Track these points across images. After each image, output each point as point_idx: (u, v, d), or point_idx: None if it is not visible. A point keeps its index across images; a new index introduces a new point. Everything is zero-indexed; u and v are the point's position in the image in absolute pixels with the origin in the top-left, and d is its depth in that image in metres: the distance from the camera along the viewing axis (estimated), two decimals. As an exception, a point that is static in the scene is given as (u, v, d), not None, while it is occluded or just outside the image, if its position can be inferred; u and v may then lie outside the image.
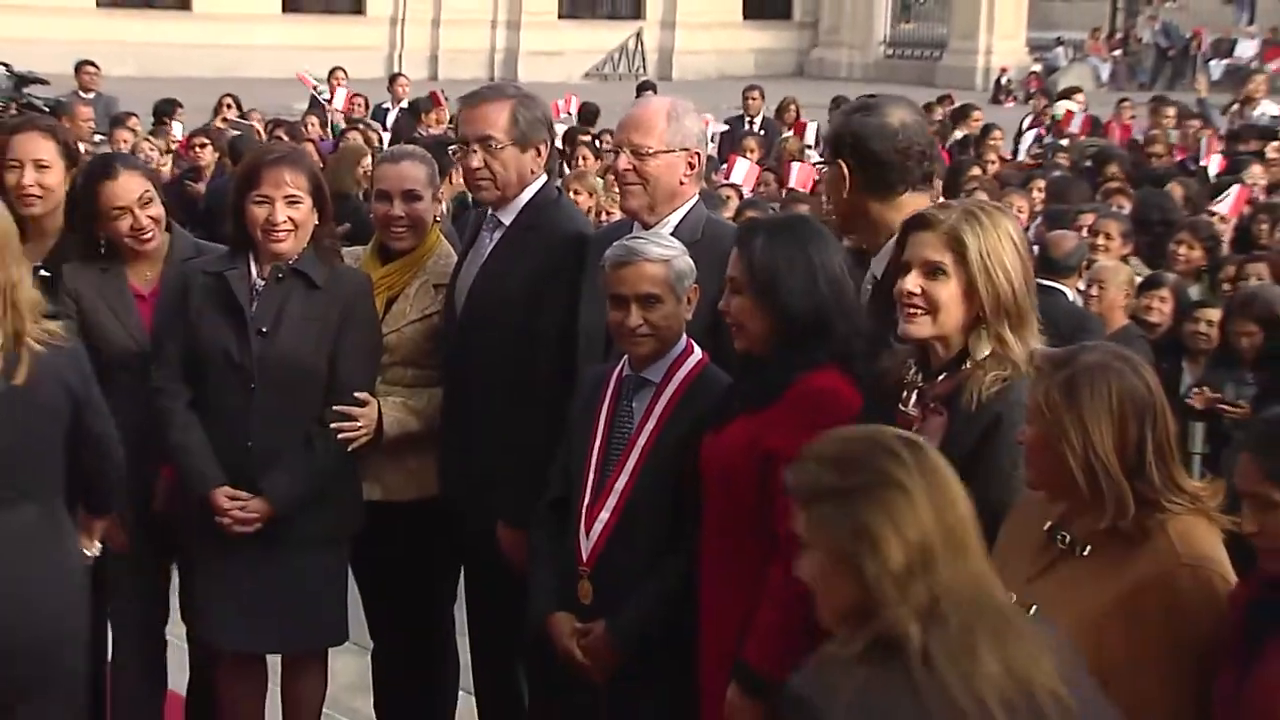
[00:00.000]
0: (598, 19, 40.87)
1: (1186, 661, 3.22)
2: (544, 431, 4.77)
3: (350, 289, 5.15)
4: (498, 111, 5.06)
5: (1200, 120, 17.58)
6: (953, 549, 2.69)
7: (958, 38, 39.78)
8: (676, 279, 4.33)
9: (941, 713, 2.57)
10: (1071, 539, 3.38)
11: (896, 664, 2.61)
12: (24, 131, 5.52)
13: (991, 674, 2.62)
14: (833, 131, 4.51)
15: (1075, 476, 3.25)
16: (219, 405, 5.09)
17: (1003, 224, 3.78)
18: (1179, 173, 12.99)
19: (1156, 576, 3.25)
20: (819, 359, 4.12)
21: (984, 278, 3.70)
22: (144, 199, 5.22)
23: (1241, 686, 3.12)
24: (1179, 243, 9.66)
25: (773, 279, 4.09)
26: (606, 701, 4.44)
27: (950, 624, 2.64)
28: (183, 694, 5.75)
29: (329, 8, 37.68)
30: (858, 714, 2.58)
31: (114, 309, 5.27)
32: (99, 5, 34.79)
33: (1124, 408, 3.25)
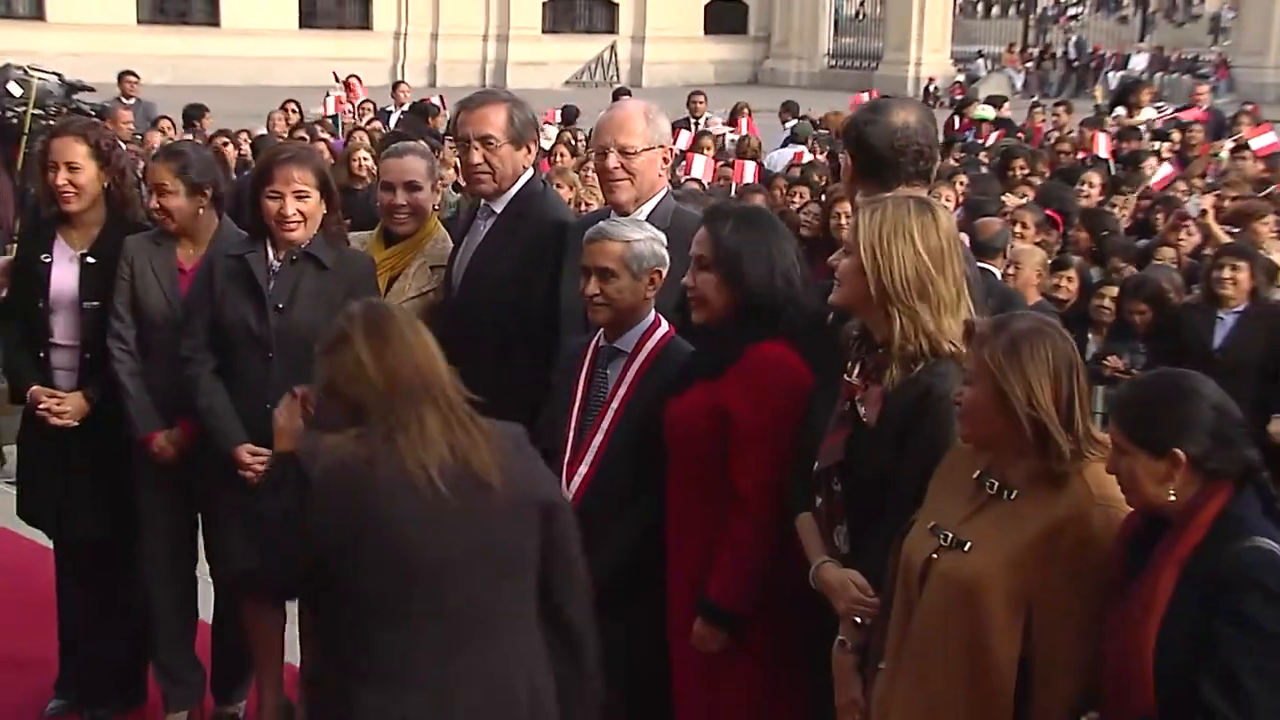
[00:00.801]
0: (576, 33, 40.94)
1: (1096, 588, 3.26)
2: (529, 396, 4.73)
3: (356, 269, 5.14)
4: (496, 113, 5.05)
5: (1097, 126, 17.65)
6: (412, 382, 3.33)
7: (891, 50, 39.98)
8: (634, 258, 4.31)
9: (395, 474, 3.19)
10: (999, 485, 3.40)
11: (366, 440, 3.23)
12: (60, 136, 5.50)
13: (435, 445, 3.24)
14: (845, 127, 4.52)
15: (1015, 428, 3.29)
16: (241, 372, 5.09)
17: (905, 214, 3.70)
18: (1085, 168, 12.99)
19: (1073, 515, 3.30)
20: (769, 332, 4.10)
21: (870, 261, 3.66)
22: (159, 189, 5.27)
23: (1120, 617, 3.18)
24: (1078, 229, 9.75)
25: (738, 260, 4.09)
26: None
27: (411, 416, 3.26)
28: (209, 623, 5.75)
29: (340, 24, 37.69)
30: (333, 473, 3.21)
31: (159, 277, 5.31)
32: (139, 22, 34.90)
33: (1057, 366, 3.31)
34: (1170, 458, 3.13)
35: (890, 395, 3.68)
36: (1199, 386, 3.22)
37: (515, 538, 3.36)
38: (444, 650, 3.24)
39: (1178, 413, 3.17)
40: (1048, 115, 18.46)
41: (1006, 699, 3.30)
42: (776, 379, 4.05)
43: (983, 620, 3.30)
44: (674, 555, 4.23)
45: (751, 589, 4.02)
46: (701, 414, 4.09)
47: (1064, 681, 3.28)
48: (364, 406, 3.28)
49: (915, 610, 3.44)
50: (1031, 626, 3.29)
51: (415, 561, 3.22)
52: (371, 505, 3.19)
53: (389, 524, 3.19)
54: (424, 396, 3.30)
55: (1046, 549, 3.28)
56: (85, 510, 5.54)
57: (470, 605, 3.28)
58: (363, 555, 3.19)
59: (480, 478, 3.26)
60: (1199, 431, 3.14)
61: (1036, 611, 3.29)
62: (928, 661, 3.42)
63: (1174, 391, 3.22)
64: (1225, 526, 3.12)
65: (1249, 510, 3.15)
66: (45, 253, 5.44)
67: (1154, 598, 3.12)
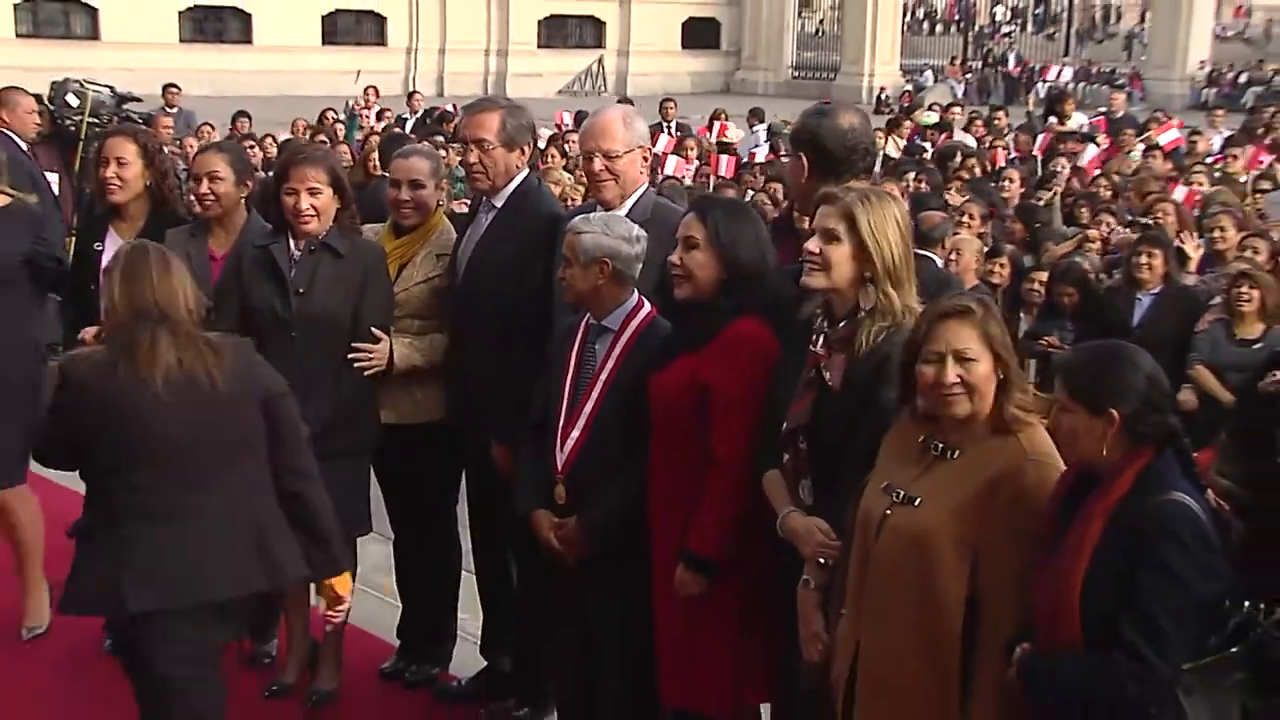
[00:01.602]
0: (568, 48, 40.90)
1: (1031, 535, 3.27)
2: (527, 369, 4.71)
3: (368, 257, 5.12)
4: (490, 119, 5.01)
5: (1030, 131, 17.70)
6: (148, 310, 3.75)
7: (848, 63, 40.01)
8: (581, 249, 4.28)
9: (130, 378, 3.69)
10: (944, 446, 3.40)
11: (112, 352, 3.75)
12: (113, 136, 5.56)
13: (163, 357, 3.70)
14: (796, 130, 4.46)
15: (1001, 386, 3.32)
16: (267, 350, 4.93)
17: (889, 205, 3.74)
18: (1011, 167, 13.08)
19: (1010, 470, 3.31)
20: (745, 309, 4.06)
21: (871, 243, 3.65)
22: (212, 175, 5.28)
23: (1052, 561, 3.19)
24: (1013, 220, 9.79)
25: (733, 242, 4.06)
26: (577, 579, 4.40)
27: (145, 336, 3.72)
28: None
29: (359, 40, 37.59)
30: (83, 376, 3.76)
31: (195, 266, 5.18)
32: (181, 41, 34.85)
33: (1005, 340, 3.35)
34: (1106, 417, 3.14)
35: (854, 362, 3.66)
36: (1136, 357, 3.24)
37: (237, 423, 3.87)
38: (179, 500, 3.78)
39: (1116, 378, 3.19)
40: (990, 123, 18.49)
41: (955, 634, 3.31)
42: (752, 352, 4.01)
43: (933, 566, 3.31)
44: (657, 518, 4.19)
45: (727, 539, 4.00)
46: (682, 386, 4.06)
47: (1004, 618, 3.28)
48: (115, 327, 3.82)
49: (872, 560, 3.43)
50: (975, 570, 3.29)
51: (150, 441, 3.73)
52: (113, 400, 3.71)
53: (126, 414, 3.72)
54: (159, 322, 3.76)
55: (987, 501, 3.29)
56: None
57: (200, 469, 3.80)
58: (110, 436, 3.73)
59: (204, 381, 3.75)
60: (1132, 396, 3.16)
61: (980, 557, 3.29)
62: (885, 604, 3.42)
63: (1114, 360, 3.24)
64: (1148, 482, 3.14)
65: (1169, 469, 3.17)
66: (98, 241, 5.45)
67: (1082, 545, 3.13)
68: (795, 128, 4.46)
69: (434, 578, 5.58)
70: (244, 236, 5.30)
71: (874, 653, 3.45)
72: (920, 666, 3.35)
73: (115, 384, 3.71)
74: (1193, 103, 32.68)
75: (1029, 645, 3.21)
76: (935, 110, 21.07)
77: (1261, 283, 7.15)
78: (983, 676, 3.28)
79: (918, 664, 3.35)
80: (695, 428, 4.03)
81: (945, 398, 3.32)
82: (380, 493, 5.49)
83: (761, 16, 42.49)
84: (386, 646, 5.71)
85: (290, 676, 5.44)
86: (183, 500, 3.79)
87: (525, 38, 39.91)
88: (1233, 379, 6.92)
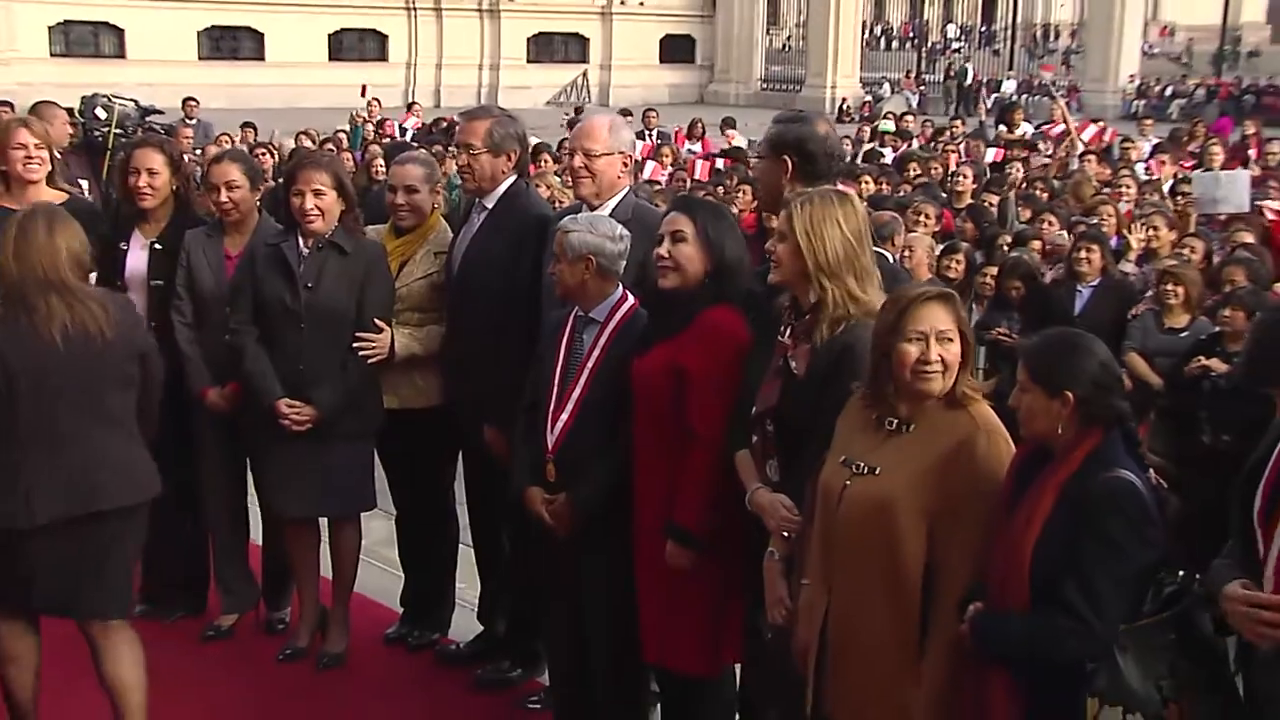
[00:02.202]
0: (555, 63, 40.83)
1: (984, 501, 3.26)
2: (517, 358, 4.68)
3: (371, 255, 5.11)
4: (479, 126, 5.02)
5: (980, 138, 17.72)
6: (38, 274, 4.02)
7: (812, 76, 39.97)
8: (568, 247, 4.27)
9: (27, 334, 4.00)
10: (899, 421, 3.38)
11: (10, 312, 4.03)
12: (140, 148, 5.55)
13: (58, 316, 4.00)
14: (776, 136, 4.40)
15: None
16: (278, 340, 5.07)
17: (831, 205, 3.69)
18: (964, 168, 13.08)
19: (964, 440, 3.30)
20: (719, 299, 4.04)
21: (804, 241, 3.63)
22: (229, 184, 5.27)
23: (1005, 529, 3.19)
24: (965, 220, 9.79)
25: (720, 238, 4.04)
26: (567, 550, 4.38)
27: (39, 298, 4.03)
28: (259, 544, 5.76)
29: (362, 56, 37.50)
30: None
31: (210, 264, 5.29)
32: (200, 58, 34.85)
33: (968, 323, 3.41)
34: (1062, 398, 3.15)
35: (817, 351, 3.64)
36: (1093, 345, 3.25)
37: (119, 369, 4.20)
38: (61, 429, 4.08)
39: (1072, 363, 3.20)
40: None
41: (915, 594, 3.30)
42: (726, 337, 3.99)
43: (893, 531, 3.29)
44: (640, 492, 4.16)
45: (711, 513, 3.97)
46: (661, 370, 4.03)
47: (958, 578, 3.27)
48: (10, 284, 4.06)
49: (835, 529, 3.41)
50: (932, 534, 3.28)
51: (45, 386, 4.02)
52: (13, 354, 4.00)
53: (26, 365, 4.00)
54: (48, 284, 4.03)
55: (943, 469, 3.28)
56: (156, 453, 5.44)
57: (85, 405, 4.12)
58: (14, 384, 4.01)
59: (94, 334, 4.06)
60: (1086, 380, 3.17)
61: (936, 522, 3.28)
62: (851, 569, 3.40)
63: (1072, 347, 3.25)
64: (1096, 460, 3.14)
65: (1116, 449, 3.18)
66: (124, 241, 5.42)
67: (1034, 515, 3.13)
68: (777, 133, 4.41)
69: (434, 550, 5.56)
70: (256, 236, 5.28)
71: (843, 612, 3.43)
72: (885, 623, 3.34)
73: (18, 335, 4.02)
74: (1124, 113, 32.73)
75: (980, 605, 3.20)
76: (891, 118, 21.13)
77: (1185, 278, 7.17)
78: (938, 632, 3.28)
79: (882, 621, 3.34)
80: (673, 409, 4.00)
81: (924, 374, 3.30)
82: (384, 472, 5.47)
83: (733, 33, 42.45)
84: (390, 613, 5.69)
85: (302, 641, 5.42)
86: (72, 428, 4.09)
87: (515, 53, 39.89)
88: (1161, 364, 6.95)
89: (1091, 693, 3.07)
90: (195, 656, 5.39)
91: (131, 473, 4.27)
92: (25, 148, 5.42)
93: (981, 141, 16.17)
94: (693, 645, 4.11)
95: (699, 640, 4.11)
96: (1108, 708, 3.05)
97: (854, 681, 3.41)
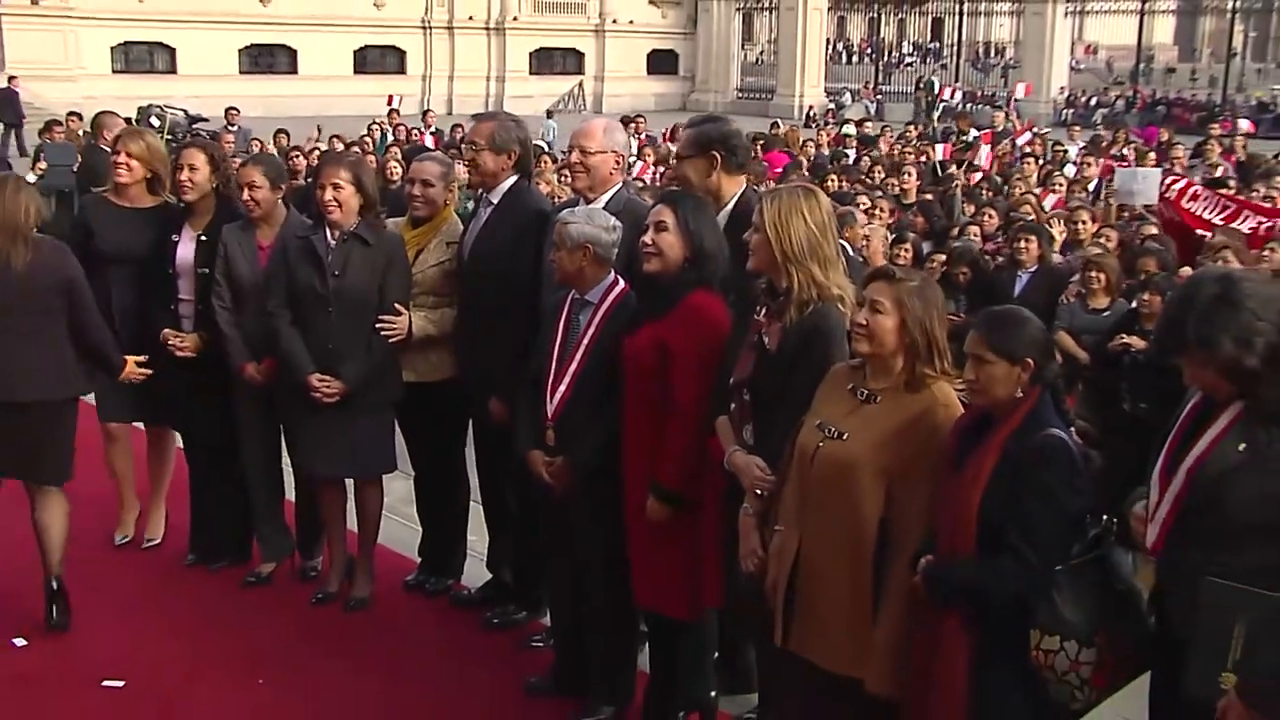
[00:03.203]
0: (554, 74, 40.60)
1: (936, 464, 3.26)
2: (520, 337, 4.65)
3: (391, 245, 5.06)
4: (483, 128, 5.00)
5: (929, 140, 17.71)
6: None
7: (782, 86, 39.82)
8: (567, 236, 4.23)
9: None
10: (867, 393, 3.38)
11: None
12: (187, 148, 5.55)
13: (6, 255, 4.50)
14: (701, 136, 4.39)
15: (903, 346, 3.31)
16: (310, 322, 5.03)
17: (797, 199, 3.68)
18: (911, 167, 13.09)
19: (924, 411, 3.31)
20: (699, 283, 4.00)
21: (773, 233, 3.61)
22: (251, 184, 5.21)
23: (948, 486, 3.19)
24: (915, 214, 9.78)
25: (699, 227, 4.00)
26: (566, 506, 4.35)
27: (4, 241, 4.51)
28: (293, 501, 5.73)
29: (383, 70, 37.24)
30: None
31: (246, 254, 5.25)
32: (241, 72, 34.66)
33: (941, 308, 3.39)
34: (1023, 364, 3.16)
35: (788, 330, 3.61)
36: (1031, 317, 3.28)
37: (37, 298, 4.67)
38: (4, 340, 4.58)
39: (1026, 333, 3.20)
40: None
41: (870, 544, 3.30)
42: (706, 318, 3.95)
43: (855, 489, 3.29)
44: (629, 454, 4.13)
45: (689, 474, 3.95)
46: (649, 348, 3.99)
47: (912, 532, 3.27)
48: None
49: (807, 484, 3.41)
50: (890, 492, 3.28)
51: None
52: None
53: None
54: (15, 230, 4.60)
55: (902, 437, 3.28)
56: (203, 421, 5.56)
57: (22, 320, 4.65)
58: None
59: (15, 268, 4.59)
60: (1035, 347, 3.19)
61: (894, 482, 3.28)
62: (820, 519, 3.40)
63: (1025, 320, 3.25)
64: (1033, 420, 3.15)
65: (1048, 409, 3.18)
66: (175, 233, 5.39)
67: (980, 471, 3.13)
68: (700, 133, 4.38)
69: (447, 508, 5.53)
70: (285, 229, 5.23)
71: (809, 557, 3.43)
72: (844, 568, 3.33)
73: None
74: (1055, 121, 32.65)
75: (931, 558, 3.20)
76: (851, 124, 21.08)
77: (1107, 266, 7.19)
78: (894, 577, 3.28)
79: (842, 566, 3.34)
80: (658, 382, 3.97)
81: (855, 335, 3.35)
82: (403, 439, 5.43)
83: (712, 48, 42.26)
84: (410, 562, 5.66)
85: (333, 586, 5.41)
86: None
87: (519, 66, 39.71)
88: (1087, 341, 6.94)
89: (1033, 625, 3.09)
90: (238, 600, 5.39)
91: (45, 376, 4.74)
92: (121, 157, 5.51)
93: (931, 144, 16.12)
94: (675, 591, 4.10)
95: (681, 587, 4.09)
96: (1047, 636, 3.07)
97: (816, 618, 3.41)
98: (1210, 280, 2.92)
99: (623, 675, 4.45)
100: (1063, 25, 37.96)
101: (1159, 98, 37.65)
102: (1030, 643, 3.09)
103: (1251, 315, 2.81)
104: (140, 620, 5.15)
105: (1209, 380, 2.92)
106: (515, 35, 39.80)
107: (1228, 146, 15.40)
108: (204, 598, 5.36)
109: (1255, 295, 2.84)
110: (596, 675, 4.47)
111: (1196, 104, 35.86)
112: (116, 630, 5.02)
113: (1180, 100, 37.36)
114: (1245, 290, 2.85)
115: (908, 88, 41.62)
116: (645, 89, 40.92)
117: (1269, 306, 2.83)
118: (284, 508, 5.68)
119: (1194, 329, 2.85)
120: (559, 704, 4.51)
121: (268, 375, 5.21)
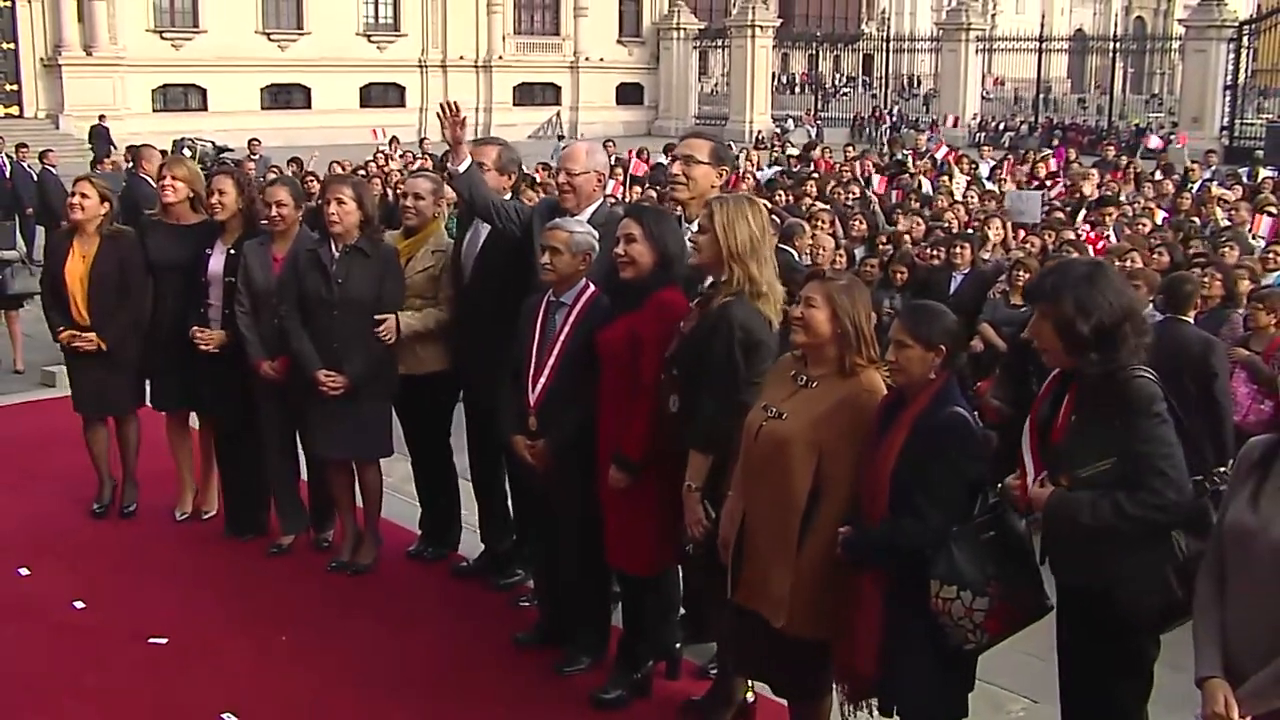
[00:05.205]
0: (534, 105, 40.44)
1: (861, 442, 3.28)
2: (506, 334, 4.57)
3: (387, 256, 5.05)
4: (489, 150, 4.99)
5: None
6: None
7: (734, 113, 39.75)
8: (573, 243, 4.18)
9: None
10: (806, 379, 3.40)
11: None
12: (216, 175, 5.61)
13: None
14: (724, 154, 4.47)
15: (836, 337, 3.32)
16: (317, 324, 5.02)
17: (744, 206, 3.72)
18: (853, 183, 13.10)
19: (852, 396, 3.34)
20: (668, 281, 4.00)
21: (721, 233, 3.65)
22: (278, 203, 5.22)
23: (872, 457, 3.22)
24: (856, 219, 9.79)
25: (663, 235, 3.99)
26: (546, 483, 4.33)
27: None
28: (306, 481, 5.67)
29: (385, 103, 36.96)
30: None
31: (262, 265, 5.26)
32: (262, 108, 34.44)
33: (867, 303, 3.41)
34: (937, 350, 3.19)
35: (704, 316, 3.68)
36: (947, 311, 3.33)
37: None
38: None
39: (941, 324, 3.25)
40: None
41: (799, 510, 3.32)
42: (672, 311, 3.93)
43: (790, 462, 3.31)
44: (603, 434, 4.10)
45: (647, 447, 3.91)
46: (623, 339, 3.98)
47: (837, 502, 3.29)
48: None
49: (751, 457, 3.43)
50: (820, 466, 3.29)
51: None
52: None
53: None
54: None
55: (833, 416, 3.30)
56: (224, 407, 5.56)
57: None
58: None
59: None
60: (948, 336, 3.23)
61: (824, 456, 3.29)
62: (758, 487, 3.43)
63: (940, 312, 3.31)
64: (939, 399, 3.19)
65: (954, 390, 3.24)
66: (209, 248, 5.41)
67: (893, 445, 3.16)
68: (720, 148, 4.45)
69: (441, 484, 5.49)
70: (297, 243, 5.22)
71: (753, 520, 3.45)
72: (775, 529, 3.36)
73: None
74: (970, 143, 32.77)
75: (849, 528, 3.23)
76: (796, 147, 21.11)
77: (1030, 266, 7.24)
78: (813, 536, 3.30)
79: (774, 528, 3.37)
80: (630, 369, 3.95)
81: (793, 327, 3.39)
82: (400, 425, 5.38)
83: (672, 81, 42.30)
84: (412, 535, 5.63)
85: (344, 555, 5.38)
86: None
87: (504, 98, 39.66)
88: (1009, 331, 6.96)
89: (933, 575, 3.11)
90: (263, 566, 5.37)
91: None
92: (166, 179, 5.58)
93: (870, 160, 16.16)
94: (637, 552, 4.08)
95: (643, 548, 4.07)
96: (945, 586, 3.10)
97: (757, 573, 3.44)
98: (1087, 261, 3.15)
99: (598, 629, 4.44)
100: (974, 60, 38.42)
101: (1056, 123, 38.17)
102: (930, 591, 3.11)
103: (1100, 294, 2.95)
104: (182, 585, 5.16)
105: (1046, 335, 3.03)
106: (501, 71, 39.75)
107: (1120, 165, 15.48)
108: (235, 566, 5.36)
109: (1113, 285, 3.00)
110: (575, 629, 4.43)
111: (1087, 128, 36.59)
112: (164, 593, 5.07)
113: (1074, 125, 38.09)
114: (1108, 276, 3.03)
115: (844, 114, 41.71)
116: (615, 117, 40.82)
117: (1119, 296, 2.97)
118: (299, 486, 5.64)
119: (1050, 283, 3.03)
120: (544, 655, 4.49)
121: (280, 370, 5.19)
